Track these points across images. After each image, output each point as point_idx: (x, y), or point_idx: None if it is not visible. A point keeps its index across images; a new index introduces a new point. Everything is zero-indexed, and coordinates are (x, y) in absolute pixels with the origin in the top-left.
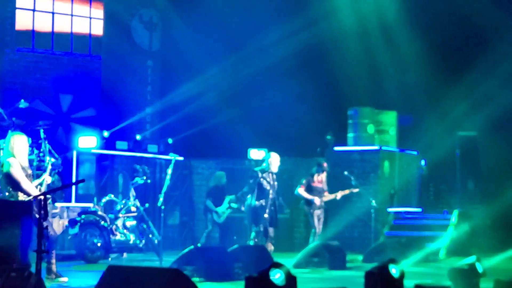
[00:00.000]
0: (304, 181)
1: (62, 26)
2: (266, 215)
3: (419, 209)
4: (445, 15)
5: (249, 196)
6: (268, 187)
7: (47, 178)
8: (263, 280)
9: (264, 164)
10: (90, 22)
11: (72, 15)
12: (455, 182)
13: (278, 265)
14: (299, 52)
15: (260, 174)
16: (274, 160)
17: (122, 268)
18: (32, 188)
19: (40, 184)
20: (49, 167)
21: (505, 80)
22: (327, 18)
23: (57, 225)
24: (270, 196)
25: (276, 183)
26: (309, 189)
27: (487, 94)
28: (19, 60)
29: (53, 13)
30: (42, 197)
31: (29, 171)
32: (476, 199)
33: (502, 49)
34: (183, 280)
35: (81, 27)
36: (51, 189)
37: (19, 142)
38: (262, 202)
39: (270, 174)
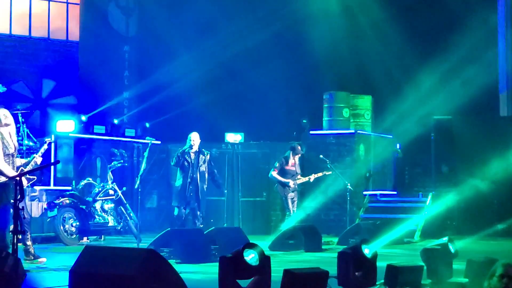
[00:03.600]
0: (277, 164)
1: (40, 11)
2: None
3: (394, 192)
4: None
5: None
6: (186, 165)
7: (37, 159)
8: (237, 260)
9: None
10: (67, 8)
11: (49, 0)
12: (430, 165)
13: (252, 246)
14: (275, 36)
15: (178, 154)
16: (194, 139)
17: (99, 249)
18: (7, 168)
19: (26, 164)
20: (44, 147)
21: (480, 63)
22: (303, 1)
23: (35, 208)
24: (190, 175)
25: (201, 161)
26: (283, 172)
27: (462, 77)
28: None
29: None
30: (17, 178)
31: (14, 148)
32: (450, 182)
33: (478, 33)
34: (158, 260)
35: (58, 12)
36: (26, 171)
37: (2, 114)
38: (181, 181)
39: (192, 153)
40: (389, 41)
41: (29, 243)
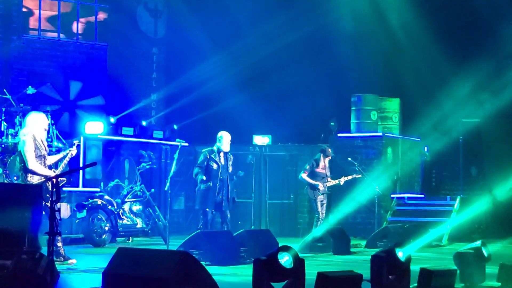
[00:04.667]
0: (307, 167)
1: (68, 13)
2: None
3: (421, 195)
4: None
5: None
6: (215, 167)
7: (73, 152)
8: (272, 262)
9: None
10: (96, 10)
11: (78, 2)
12: (458, 168)
13: (286, 248)
14: (303, 39)
15: (208, 155)
16: (225, 139)
17: (132, 250)
18: (41, 169)
19: (60, 160)
20: (76, 143)
21: (510, 66)
22: (332, 4)
23: (64, 210)
24: (220, 177)
25: (230, 163)
26: (313, 174)
27: (491, 81)
28: (26, 47)
29: (59, 0)
30: (54, 180)
31: (45, 150)
32: (479, 185)
33: (508, 36)
34: (192, 262)
35: (87, 14)
36: (62, 173)
37: (35, 119)
38: (210, 184)
39: (222, 153)
40: (417, 43)
41: (59, 244)
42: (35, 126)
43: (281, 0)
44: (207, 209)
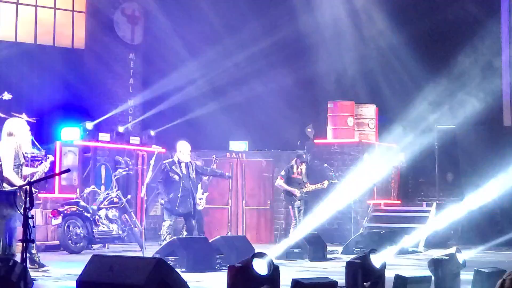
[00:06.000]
0: (283, 173)
1: (45, 19)
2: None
3: (398, 201)
4: (425, 6)
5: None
6: (177, 178)
7: (45, 169)
8: (246, 269)
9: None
10: (73, 15)
11: (55, 8)
12: (434, 174)
13: (260, 255)
14: (279, 45)
15: (168, 166)
16: (183, 149)
17: (106, 257)
18: (15, 178)
19: (34, 174)
20: (50, 159)
21: (484, 73)
22: (308, 11)
23: (40, 216)
24: (182, 187)
25: (193, 172)
26: (289, 180)
27: (466, 88)
28: (1, 50)
29: (36, 6)
30: (27, 186)
31: (24, 159)
32: (454, 192)
33: (482, 42)
34: (167, 269)
35: (64, 20)
36: (36, 180)
37: (21, 127)
38: (171, 195)
39: (183, 164)
40: (394, 50)
41: (34, 251)
42: (20, 135)
43: (256, 7)
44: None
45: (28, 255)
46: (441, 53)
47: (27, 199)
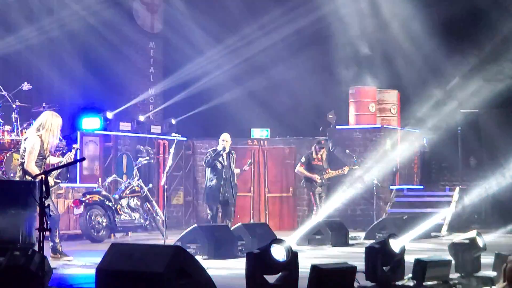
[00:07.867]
0: (303, 159)
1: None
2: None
3: (421, 186)
4: None
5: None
6: (220, 167)
7: (71, 156)
8: (264, 256)
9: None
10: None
11: None
12: (457, 159)
13: (279, 241)
14: (301, 31)
15: (213, 155)
16: (227, 139)
17: (125, 246)
18: (35, 170)
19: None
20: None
21: (506, 57)
22: None
23: (62, 205)
24: (224, 176)
25: (232, 162)
26: (310, 167)
27: (490, 71)
28: (20, 42)
29: None
30: (43, 176)
31: (49, 152)
32: (478, 176)
33: (504, 26)
34: (185, 256)
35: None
36: (52, 168)
37: (53, 121)
38: (214, 182)
39: (225, 154)
40: (416, 35)
41: (57, 240)
42: (51, 130)
43: None
44: (212, 205)
45: (51, 243)
46: (464, 37)
47: (42, 188)
